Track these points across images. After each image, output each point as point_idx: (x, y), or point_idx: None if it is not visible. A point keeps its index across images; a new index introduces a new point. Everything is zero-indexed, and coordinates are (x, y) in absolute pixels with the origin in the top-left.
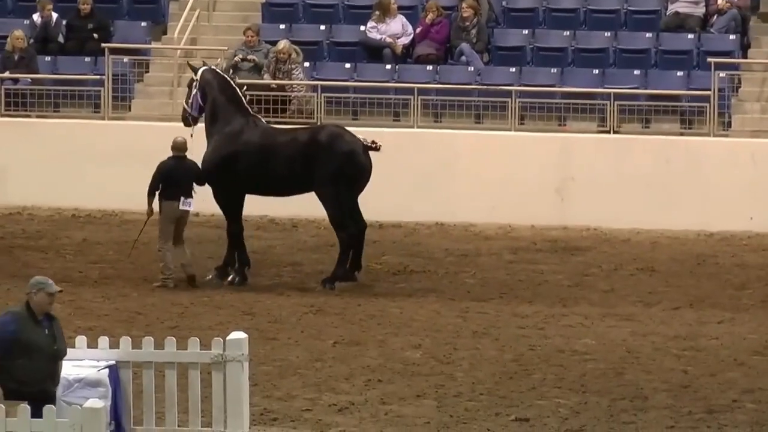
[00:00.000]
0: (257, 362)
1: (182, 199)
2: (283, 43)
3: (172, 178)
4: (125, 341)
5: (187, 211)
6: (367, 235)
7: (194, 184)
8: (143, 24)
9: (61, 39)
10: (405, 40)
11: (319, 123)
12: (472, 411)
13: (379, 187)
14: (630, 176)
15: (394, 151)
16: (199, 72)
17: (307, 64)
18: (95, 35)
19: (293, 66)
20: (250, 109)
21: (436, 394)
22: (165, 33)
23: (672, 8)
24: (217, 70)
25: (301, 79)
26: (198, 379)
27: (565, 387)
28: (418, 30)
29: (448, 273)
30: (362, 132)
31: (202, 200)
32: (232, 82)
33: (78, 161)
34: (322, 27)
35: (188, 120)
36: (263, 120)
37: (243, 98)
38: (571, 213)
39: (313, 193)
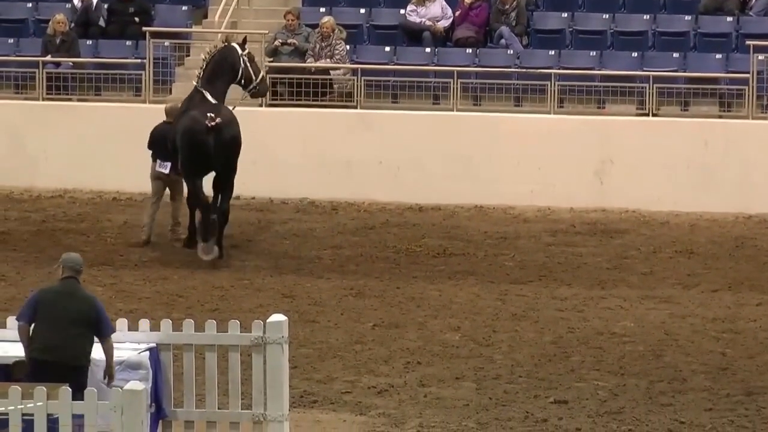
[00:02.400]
0: (297, 345)
1: (158, 161)
2: (327, 18)
3: (155, 141)
4: (166, 324)
5: (166, 174)
6: (406, 217)
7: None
8: (184, 8)
9: (102, 23)
10: (444, 23)
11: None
12: (511, 393)
13: (419, 171)
14: (669, 159)
15: (434, 134)
16: None
17: (347, 47)
18: (136, 19)
19: (337, 42)
20: (196, 84)
21: (475, 376)
22: (206, 17)
23: None
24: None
25: (344, 56)
26: (238, 362)
27: (604, 369)
28: (457, 13)
29: (487, 256)
30: (402, 115)
31: (243, 183)
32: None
33: (119, 145)
34: (362, 10)
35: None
36: (204, 94)
37: (199, 72)
38: (610, 196)
39: (352, 177)
